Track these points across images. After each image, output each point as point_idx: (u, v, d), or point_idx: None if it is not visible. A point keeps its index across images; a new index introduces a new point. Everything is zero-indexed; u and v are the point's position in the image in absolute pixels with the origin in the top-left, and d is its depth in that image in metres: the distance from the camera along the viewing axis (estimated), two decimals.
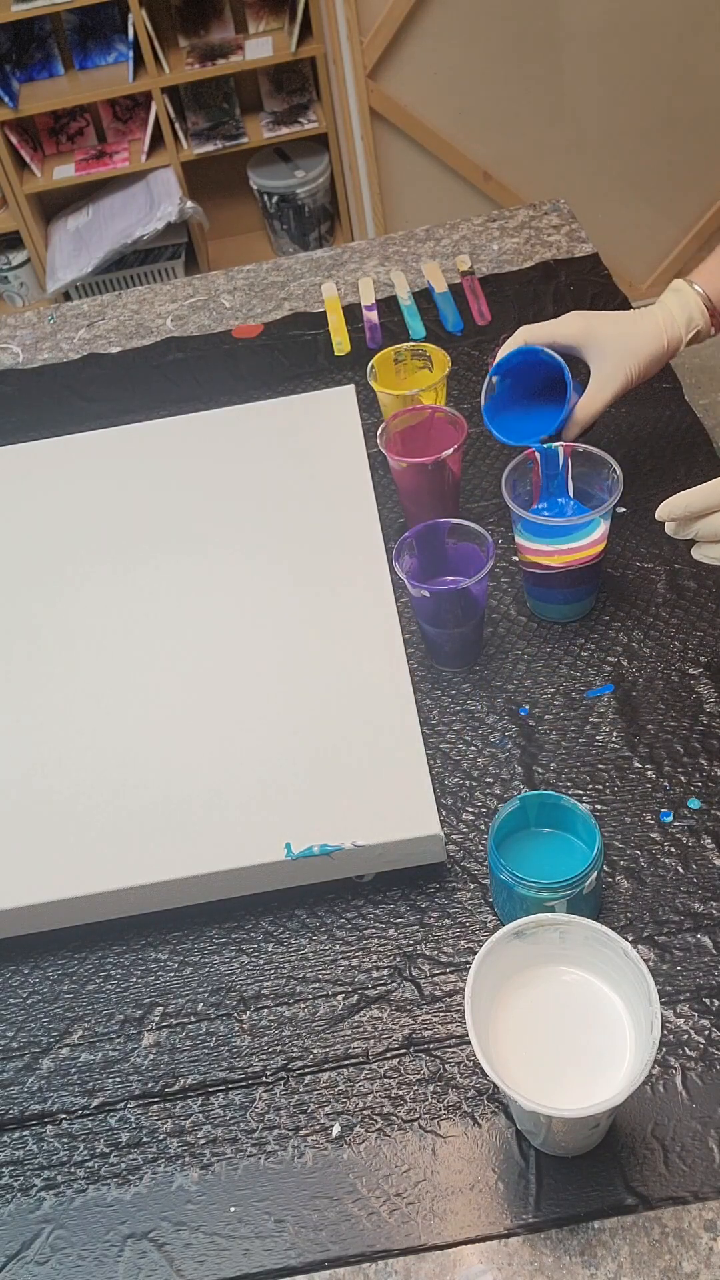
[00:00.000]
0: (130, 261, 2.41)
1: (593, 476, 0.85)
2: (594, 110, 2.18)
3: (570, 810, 0.69)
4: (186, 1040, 0.71)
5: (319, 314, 1.24)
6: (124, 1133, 0.68)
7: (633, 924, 0.72)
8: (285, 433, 1.04)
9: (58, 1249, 0.64)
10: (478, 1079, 0.67)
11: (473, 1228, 0.62)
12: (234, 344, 1.23)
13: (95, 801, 0.78)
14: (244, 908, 0.76)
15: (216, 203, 2.54)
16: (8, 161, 2.28)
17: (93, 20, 2.26)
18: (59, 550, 0.97)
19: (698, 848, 0.74)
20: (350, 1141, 0.66)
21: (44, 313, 1.34)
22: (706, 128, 2.22)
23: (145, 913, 0.76)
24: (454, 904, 0.74)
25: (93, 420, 1.15)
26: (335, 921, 0.75)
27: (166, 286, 1.34)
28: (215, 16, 2.30)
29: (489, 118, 2.17)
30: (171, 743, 0.81)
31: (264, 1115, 0.67)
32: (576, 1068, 0.58)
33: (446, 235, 1.33)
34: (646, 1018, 0.56)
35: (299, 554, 0.92)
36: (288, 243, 2.52)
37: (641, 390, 1.07)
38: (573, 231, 1.30)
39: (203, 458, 1.03)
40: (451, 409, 0.92)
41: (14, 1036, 0.73)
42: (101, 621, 0.90)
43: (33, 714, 0.84)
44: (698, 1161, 0.62)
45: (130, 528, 0.97)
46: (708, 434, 1.01)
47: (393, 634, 0.84)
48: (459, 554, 0.85)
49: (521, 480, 0.85)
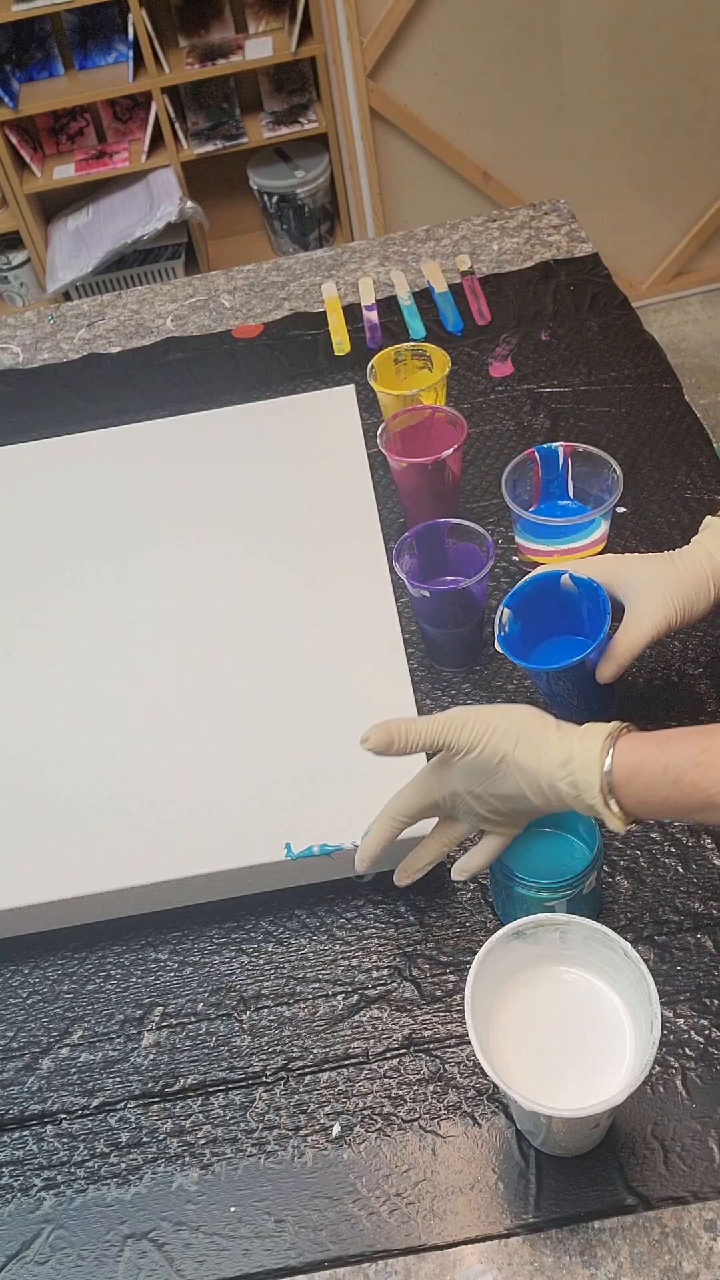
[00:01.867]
0: (130, 261, 2.40)
1: (593, 476, 0.85)
2: (594, 110, 2.18)
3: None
4: (186, 1040, 0.71)
5: (319, 314, 1.24)
6: (124, 1133, 0.68)
7: (633, 924, 0.72)
8: (285, 433, 1.04)
9: (58, 1249, 0.64)
10: (478, 1079, 0.67)
11: (473, 1228, 0.62)
12: (234, 344, 1.23)
13: (95, 801, 0.78)
14: (244, 908, 0.76)
15: (216, 203, 2.54)
16: (8, 161, 2.27)
17: (93, 20, 2.26)
18: (59, 550, 0.97)
19: (698, 848, 0.74)
20: (350, 1141, 0.65)
21: (44, 313, 1.33)
22: (706, 128, 2.22)
23: (145, 913, 0.76)
24: (454, 904, 0.74)
25: (93, 420, 1.15)
26: (335, 921, 0.75)
27: (166, 286, 1.34)
28: (215, 16, 2.30)
29: (489, 118, 2.17)
30: (172, 743, 0.81)
31: (264, 1115, 0.67)
32: (576, 1068, 0.58)
33: (446, 235, 1.33)
34: (646, 1018, 0.56)
35: (299, 554, 0.92)
36: (288, 243, 2.52)
37: (641, 390, 1.07)
38: (573, 231, 1.30)
39: (203, 458, 1.03)
40: (451, 409, 0.92)
41: (14, 1036, 0.73)
42: (101, 622, 0.90)
43: (32, 714, 0.84)
44: (698, 1161, 0.62)
45: (130, 528, 0.97)
46: (708, 434, 1.01)
47: (393, 634, 0.84)
48: (459, 554, 0.85)
49: (521, 480, 0.85)
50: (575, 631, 0.77)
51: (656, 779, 0.58)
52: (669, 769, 0.58)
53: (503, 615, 0.74)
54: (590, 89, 2.15)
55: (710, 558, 0.74)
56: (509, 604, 0.74)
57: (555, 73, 2.13)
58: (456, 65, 2.09)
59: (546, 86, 2.14)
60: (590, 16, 2.05)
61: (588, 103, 2.17)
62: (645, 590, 0.73)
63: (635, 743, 0.60)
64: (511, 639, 0.74)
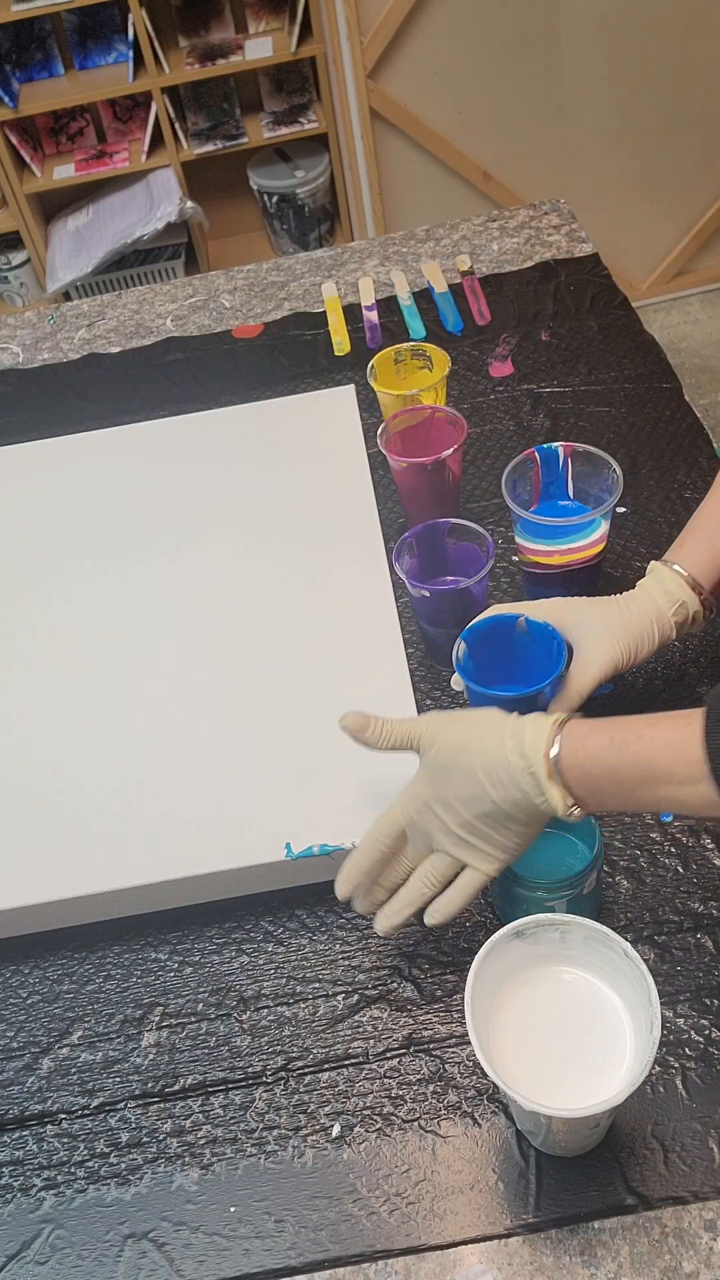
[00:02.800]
0: (130, 261, 2.40)
1: (593, 476, 0.85)
2: (594, 110, 2.18)
3: None
4: (186, 1040, 0.71)
5: (319, 314, 1.24)
6: (124, 1133, 0.68)
7: (633, 924, 0.72)
8: (285, 433, 1.04)
9: (58, 1249, 0.64)
10: (478, 1079, 0.67)
11: (473, 1228, 0.62)
12: (234, 344, 1.23)
13: (95, 801, 0.78)
14: (244, 908, 0.76)
15: (216, 203, 2.54)
16: (8, 161, 2.28)
17: (93, 20, 2.26)
18: (59, 550, 0.97)
19: (698, 848, 0.74)
20: (350, 1141, 0.65)
21: (44, 313, 1.34)
22: (706, 128, 2.22)
23: (145, 913, 0.76)
24: None
25: (93, 420, 1.15)
26: (335, 921, 0.75)
27: (166, 286, 1.34)
28: (215, 16, 2.30)
29: (489, 118, 2.17)
30: (172, 743, 0.81)
31: (264, 1115, 0.67)
32: (576, 1068, 0.58)
33: (446, 235, 1.33)
34: (646, 1018, 0.56)
35: (299, 554, 0.92)
36: (288, 243, 2.52)
37: (641, 390, 1.07)
38: (573, 231, 1.30)
39: (203, 458, 1.03)
40: (451, 409, 0.92)
41: (14, 1036, 0.73)
42: (101, 622, 0.90)
43: (32, 714, 0.84)
44: (698, 1161, 0.62)
45: (130, 528, 0.97)
46: (708, 434, 1.01)
47: (393, 634, 0.84)
48: (459, 554, 0.85)
49: (521, 480, 0.85)
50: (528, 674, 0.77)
51: (602, 749, 0.59)
52: (614, 740, 0.59)
53: (459, 649, 0.75)
54: (590, 89, 2.15)
55: (655, 604, 0.75)
56: (465, 638, 0.76)
57: (555, 73, 2.13)
58: (456, 65, 2.09)
59: (546, 86, 2.14)
60: (590, 17, 2.05)
61: (588, 103, 2.17)
62: (594, 635, 0.75)
63: (589, 722, 0.61)
64: (467, 672, 0.75)
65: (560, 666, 0.73)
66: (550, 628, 0.75)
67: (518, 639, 0.77)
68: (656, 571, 0.77)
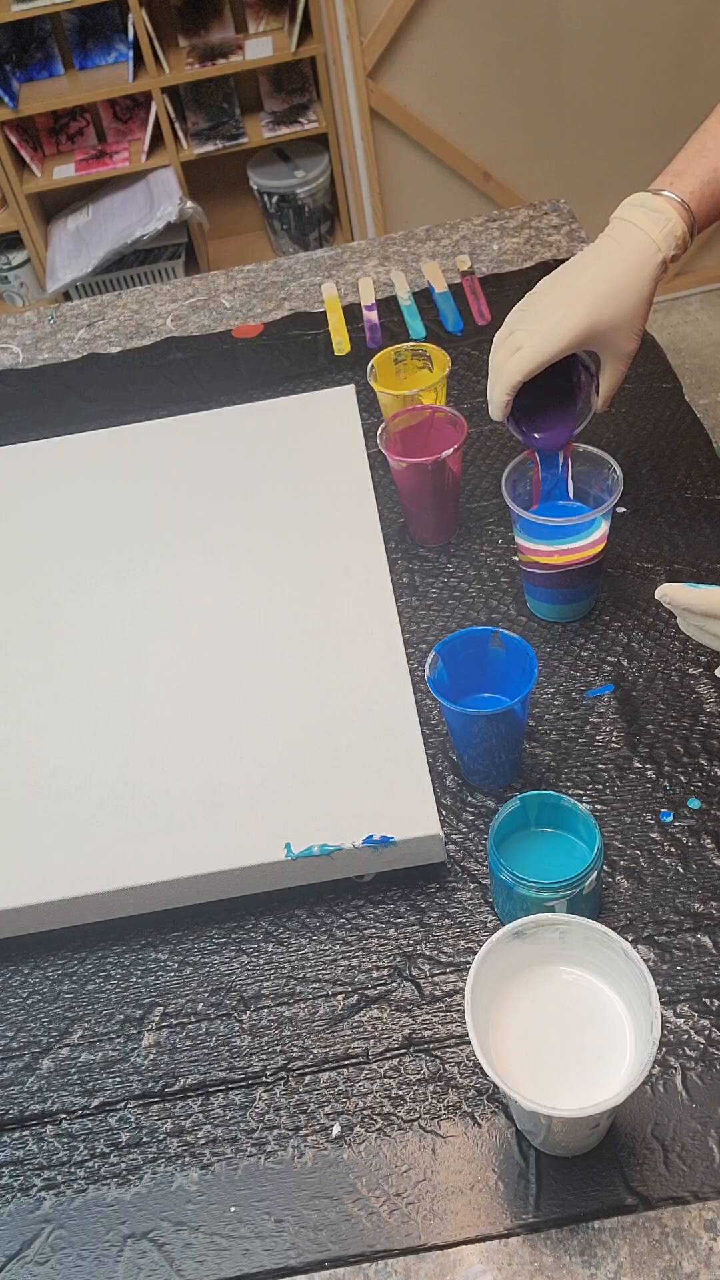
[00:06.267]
0: (130, 261, 2.40)
1: (593, 476, 0.85)
2: (594, 110, 2.18)
3: (570, 810, 0.69)
4: (186, 1040, 0.71)
5: (319, 314, 1.24)
6: (124, 1133, 0.68)
7: (633, 924, 0.72)
8: (285, 433, 1.04)
9: (58, 1249, 0.64)
10: (478, 1079, 0.67)
11: (473, 1228, 0.62)
12: (234, 344, 1.23)
13: (95, 801, 0.78)
14: (244, 908, 0.76)
15: (216, 203, 2.54)
16: (8, 161, 2.28)
17: (93, 20, 2.26)
18: (59, 550, 0.97)
19: (698, 848, 0.75)
20: (350, 1141, 0.66)
21: (44, 313, 1.34)
22: None
23: (145, 913, 0.76)
24: (454, 904, 0.74)
25: (93, 420, 1.15)
26: (335, 921, 0.75)
27: (166, 286, 1.34)
28: (215, 16, 2.30)
29: (489, 118, 2.17)
30: (172, 743, 0.81)
31: (264, 1115, 0.67)
32: (576, 1068, 0.58)
33: (446, 235, 1.33)
34: (646, 1018, 0.56)
35: (299, 554, 0.92)
36: (288, 243, 2.52)
37: (641, 390, 1.07)
38: (573, 231, 1.30)
39: (203, 458, 1.03)
40: (451, 409, 0.92)
41: (14, 1036, 0.73)
42: (101, 622, 0.90)
43: (32, 714, 0.84)
44: (698, 1161, 0.62)
45: (130, 528, 0.97)
46: (708, 434, 1.01)
47: (393, 634, 0.84)
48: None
49: (521, 480, 0.85)
50: (502, 687, 0.78)
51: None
52: None
53: (432, 661, 0.75)
54: (590, 89, 2.15)
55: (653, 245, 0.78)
56: (439, 650, 0.76)
57: (555, 73, 2.13)
58: (456, 65, 2.09)
59: (546, 86, 2.14)
60: (590, 17, 2.05)
61: (588, 103, 2.17)
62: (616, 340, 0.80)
63: None
64: (440, 684, 0.75)
65: (530, 686, 0.73)
66: (525, 645, 0.75)
67: (492, 653, 0.77)
68: (643, 204, 0.79)
